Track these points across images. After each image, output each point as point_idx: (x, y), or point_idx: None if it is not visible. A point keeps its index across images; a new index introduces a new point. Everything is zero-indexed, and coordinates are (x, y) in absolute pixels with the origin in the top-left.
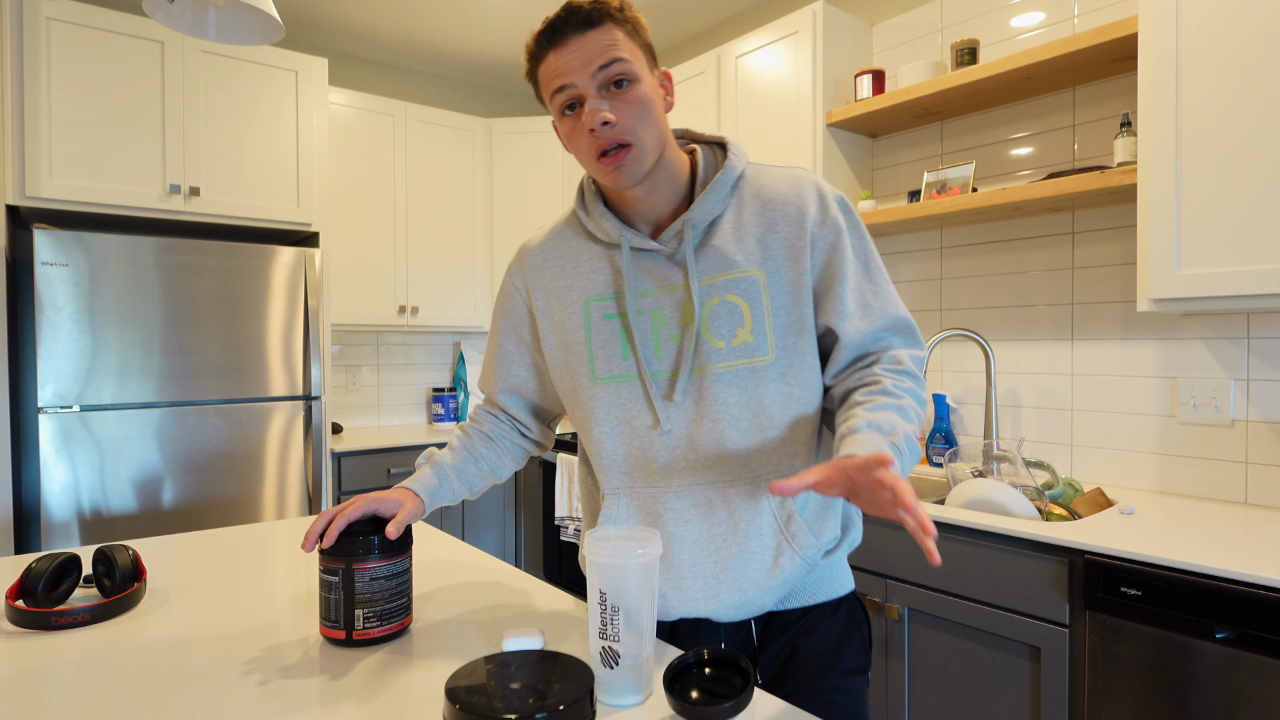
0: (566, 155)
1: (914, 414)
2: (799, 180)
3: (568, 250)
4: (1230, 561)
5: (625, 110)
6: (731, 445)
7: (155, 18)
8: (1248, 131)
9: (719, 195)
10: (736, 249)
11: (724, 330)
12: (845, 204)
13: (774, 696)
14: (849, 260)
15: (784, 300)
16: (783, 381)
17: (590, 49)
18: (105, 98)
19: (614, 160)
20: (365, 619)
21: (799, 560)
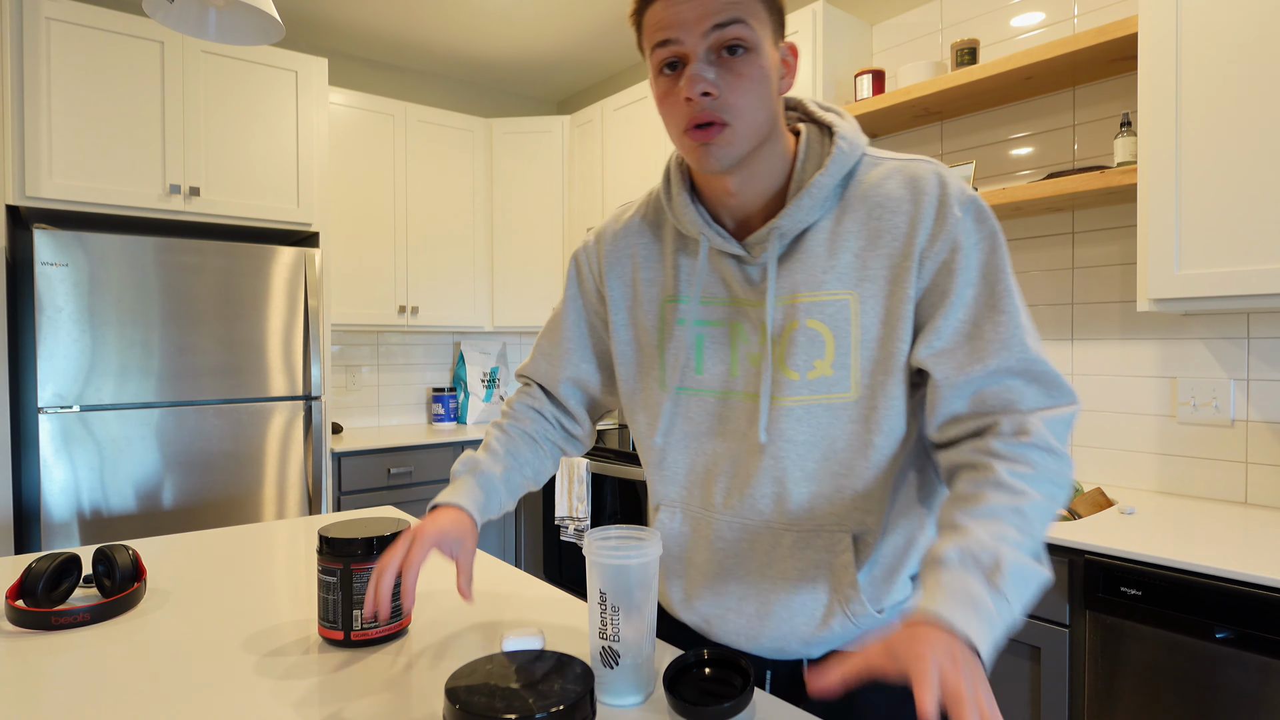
0: (566, 155)
1: (1038, 518)
2: (917, 178)
3: (647, 241)
4: (1230, 561)
5: (733, 83)
6: (793, 488)
7: (155, 18)
8: (1248, 131)
9: (815, 200)
10: (828, 264)
11: (800, 361)
12: (975, 208)
13: (774, 696)
14: (963, 281)
15: (875, 331)
16: (862, 425)
17: (710, 4)
18: (105, 98)
19: (704, 136)
20: (363, 619)
21: (851, 625)
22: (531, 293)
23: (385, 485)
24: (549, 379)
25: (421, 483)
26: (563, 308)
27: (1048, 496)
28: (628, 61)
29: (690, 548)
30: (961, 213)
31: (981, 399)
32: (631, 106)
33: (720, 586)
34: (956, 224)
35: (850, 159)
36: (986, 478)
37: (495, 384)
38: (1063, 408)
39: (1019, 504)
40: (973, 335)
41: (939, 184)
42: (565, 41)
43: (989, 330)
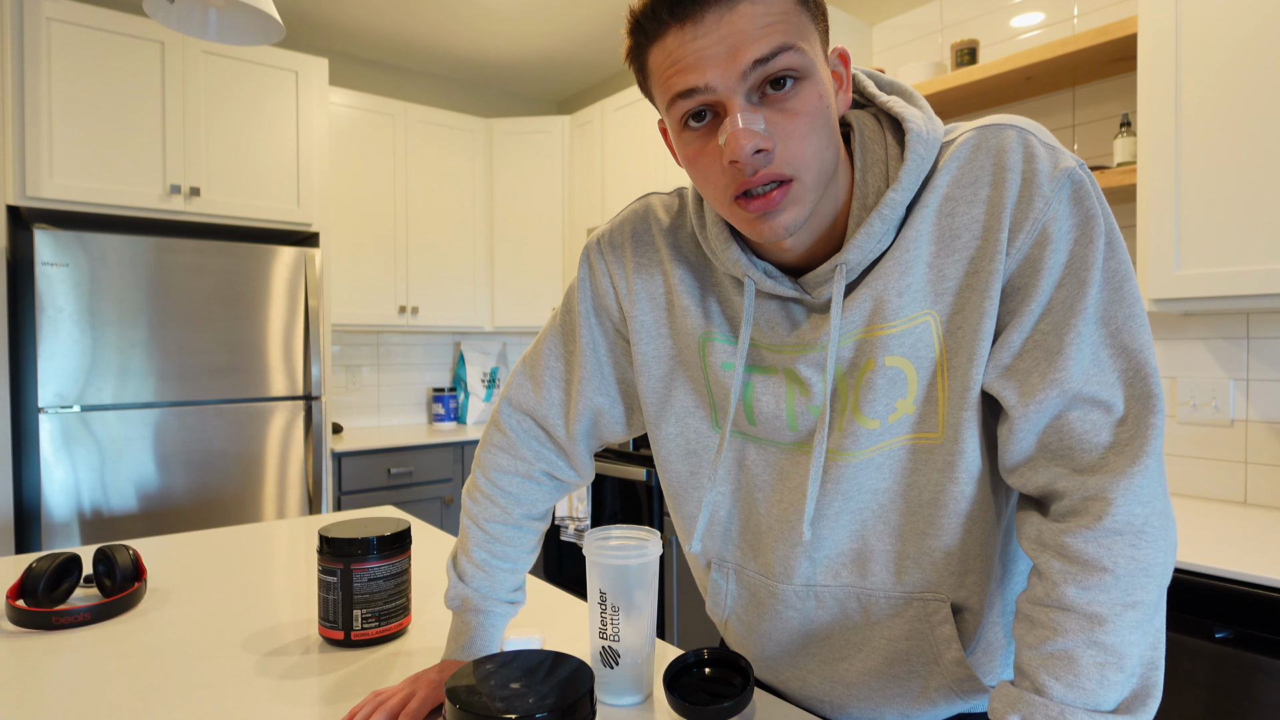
0: (566, 155)
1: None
2: (996, 151)
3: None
4: (1229, 561)
5: (790, 127)
6: (876, 544)
7: (155, 18)
8: (1247, 131)
9: (888, 224)
10: (901, 284)
11: (880, 407)
12: (1071, 183)
13: (774, 696)
14: (1048, 281)
15: (965, 355)
16: (949, 471)
17: (741, 28)
18: (105, 98)
19: (763, 204)
20: (364, 619)
21: (958, 699)
22: (531, 293)
23: (385, 485)
24: (554, 415)
25: (421, 482)
26: (574, 323)
27: (1132, 605)
28: None
29: (752, 615)
30: (1054, 192)
31: (1055, 432)
32: (631, 106)
33: (795, 659)
34: (1047, 208)
35: (927, 163)
36: (1053, 596)
37: (495, 384)
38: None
39: (1095, 635)
40: (1049, 349)
41: (1023, 155)
42: (565, 41)
43: (1067, 358)
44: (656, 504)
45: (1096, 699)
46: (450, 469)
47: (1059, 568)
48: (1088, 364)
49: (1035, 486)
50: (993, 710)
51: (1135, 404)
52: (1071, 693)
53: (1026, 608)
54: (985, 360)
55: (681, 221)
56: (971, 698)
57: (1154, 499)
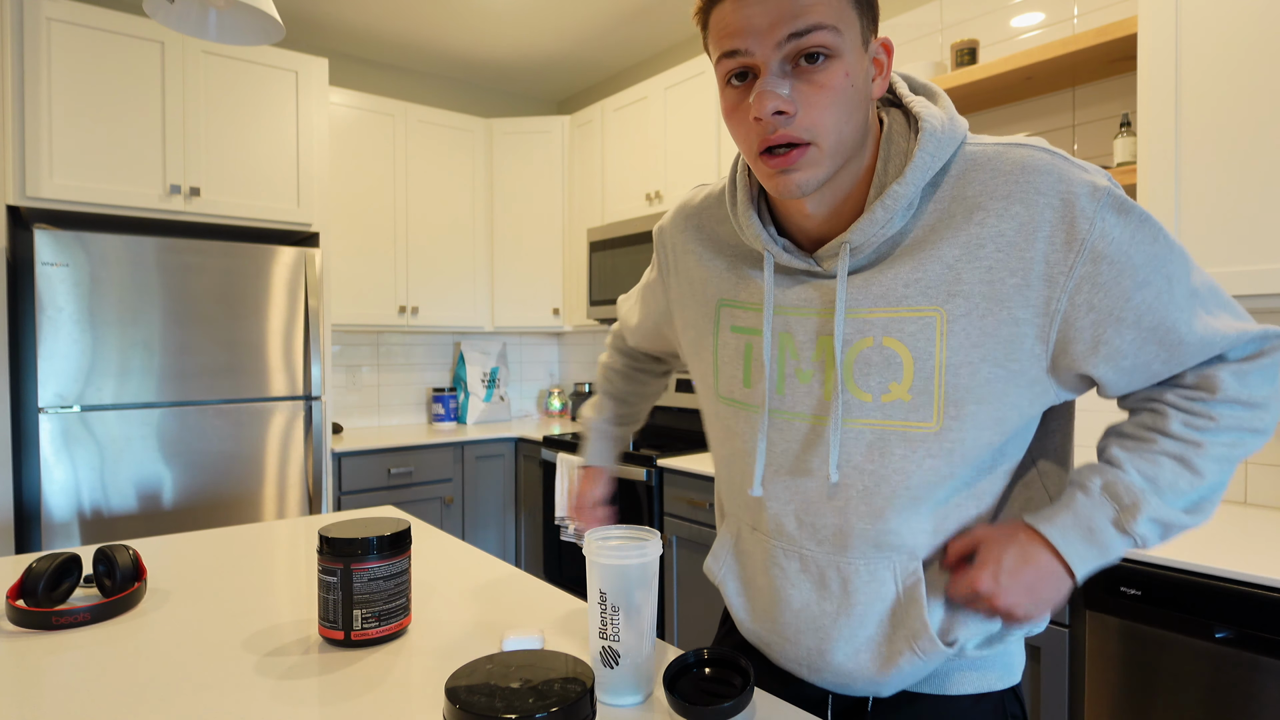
0: (566, 155)
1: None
2: (1030, 171)
3: (719, 233)
4: (1230, 561)
5: (813, 97)
6: (857, 523)
7: (155, 18)
8: (1247, 132)
9: (890, 213)
10: (913, 276)
11: (874, 383)
12: (1111, 199)
13: (774, 696)
14: (1123, 295)
15: (966, 355)
16: (944, 460)
17: (785, 4)
18: (105, 98)
19: (782, 162)
20: (364, 619)
21: (920, 662)
22: (531, 293)
23: (385, 485)
24: (628, 338)
25: (422, 482)
26: (644, 279)
27: (1229, 445)
28: (628, 61)
29: (751, 568)
30: (1096, 211)
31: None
32: (631, 106)
33: (778, 614)
34: (1092, 229)
35: (937, 159)
36: (1159, 424)
37: (495, 384)
38: (1265, 356)
39: (1187, 454)
40: (1161, 351)
41: (1057, 178)
42: (565, 41)
43: (1182, 338)
44: (656, 504)
45: (1167, 493)
46: (450, 469)
47: (1167, 409)
48: (1201, 348)
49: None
50: (1078, 473)
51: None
52: (1148, 482)
53: (1130, 428)
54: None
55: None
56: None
57: (1264, 385)
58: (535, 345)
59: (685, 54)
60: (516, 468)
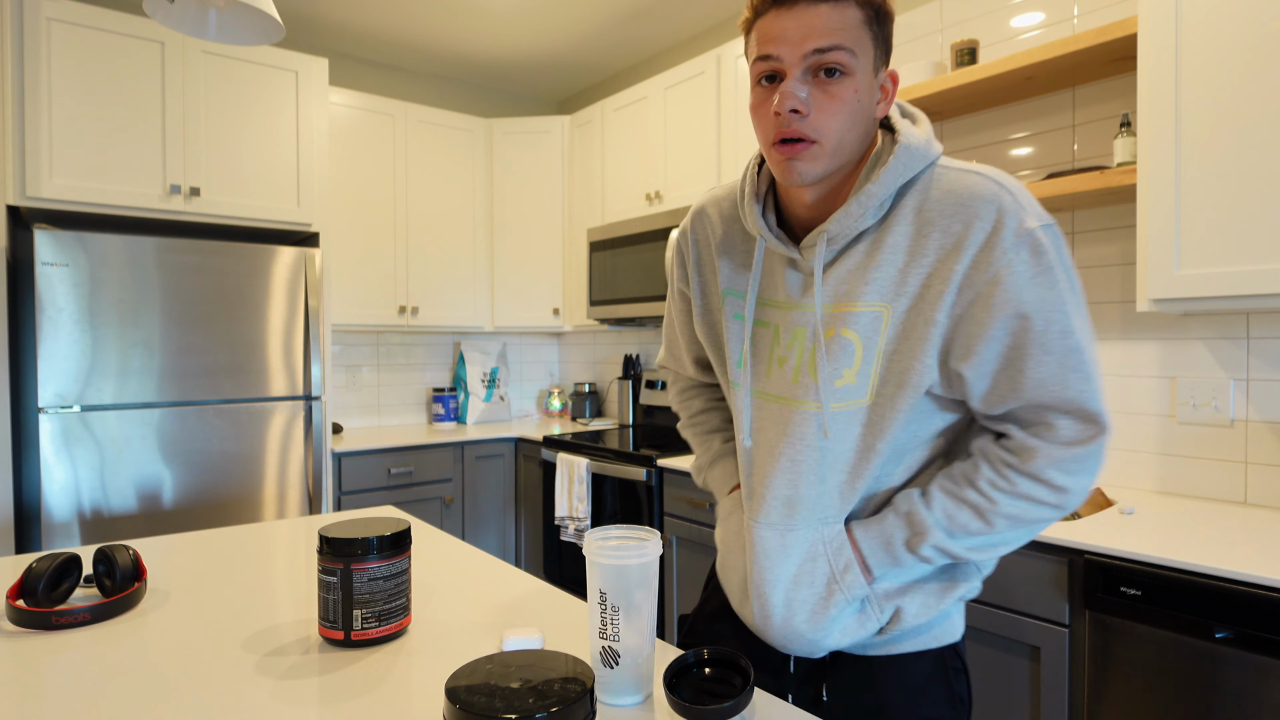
0: (566, 155)
1: (999, 526)
2: (976, 198)
3: (729, 226)
4: (1230, 561)
5: (824, 103)
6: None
7: (155, 18)
8: (1247, 132)
9: (864, 208)
10: (869, 276)
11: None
12: (1032, 242)
13: (774, 696)
14: (1001, 317)
15: (898, 345)
16: (868, 429)
17: (814, 24)
18: (105, 98)
19: (790, 151)
20: (364, 619)
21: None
22: (531, 293)
23: (385, 485)
24: (674, 362)
25: (422, 482)
26: (669, 296)
27: (1020, 510)
28: (628, 61)
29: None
30: (1013, 247)
31: (1017, 417)
32: (631, 106)
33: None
34: (1002, 257)
35: (908, 169)
36: (971, 475)
37: (495, 384)
38: (1086, 443)
39: (983, 507)
40: (1009, 371)
41: (996, 211)
42: (565, 41)
43: (1032, 369)
44: (656, 504)
45: (957, 534)
46: (450, 469)
47: (983, 464)
48: (1043, 385)
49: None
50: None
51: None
52: (946, 519)
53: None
54: (924, 360)
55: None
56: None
57: (1074, 470)
58: (535, 345)
59: (685, 54)
60: (516, 468)
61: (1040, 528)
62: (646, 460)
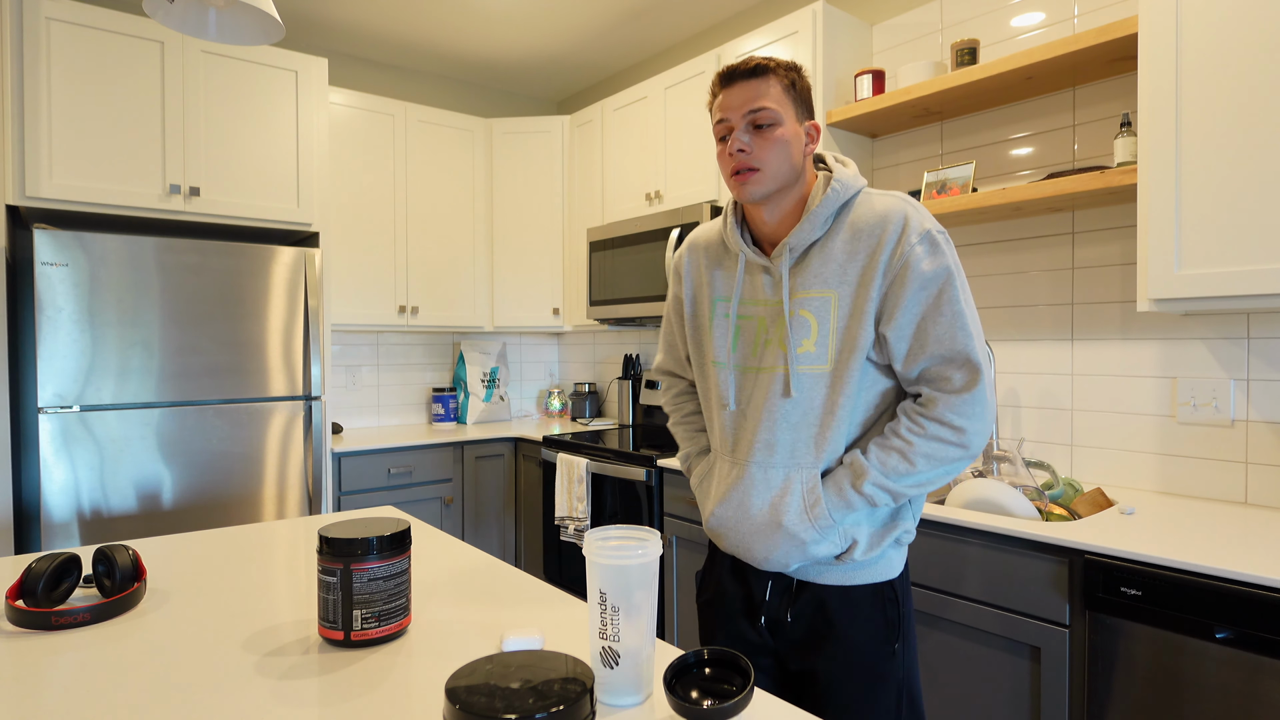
0: (566, 155)
1: (920, 460)
2: (890, 211)
3: (714, 254)
4: (1230, 561)
5: (762, 145)
6: (781, 435)
7: (155, 18)
8: (1247, 131)
9: (813, 224)
10: (820, 271)
11: (795, 340)
12: (929, 240)
13: (773, 696)
14: (912, 291)
15: (846, 321)
16: (831, 389)
17: (749, 94)
18: (105, 98)
19: (742, 179)
20: (364, 619)
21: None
22: (531, 293)
23: (385, 485)
24: (675, 365)
25: (421, 482)
26: (667, 306)
27: (931, 450)
28: (628, 61)
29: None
30: (917, 243)
31: (925, 375)
32: (631, 106)
33: (723, 511)
34: (909, 249)
35: (842, 196)
36: (895, 427)
37: (495, 384)
38: (970, 390)
39: (904, 450)
40: (919, 332)
41: (904, 216)
42: (565, 41)
43: (942, 327)
44: (656, 504)
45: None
46: (450, 469)
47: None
48: (940, 340)
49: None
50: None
51: (969, 363)
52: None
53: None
54: (868, 329)
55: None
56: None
57: (968, 412)
58: (535, 345)
59: (685, 54)
60: (516, 468)
61: (955, 467)
62: (646, 460)
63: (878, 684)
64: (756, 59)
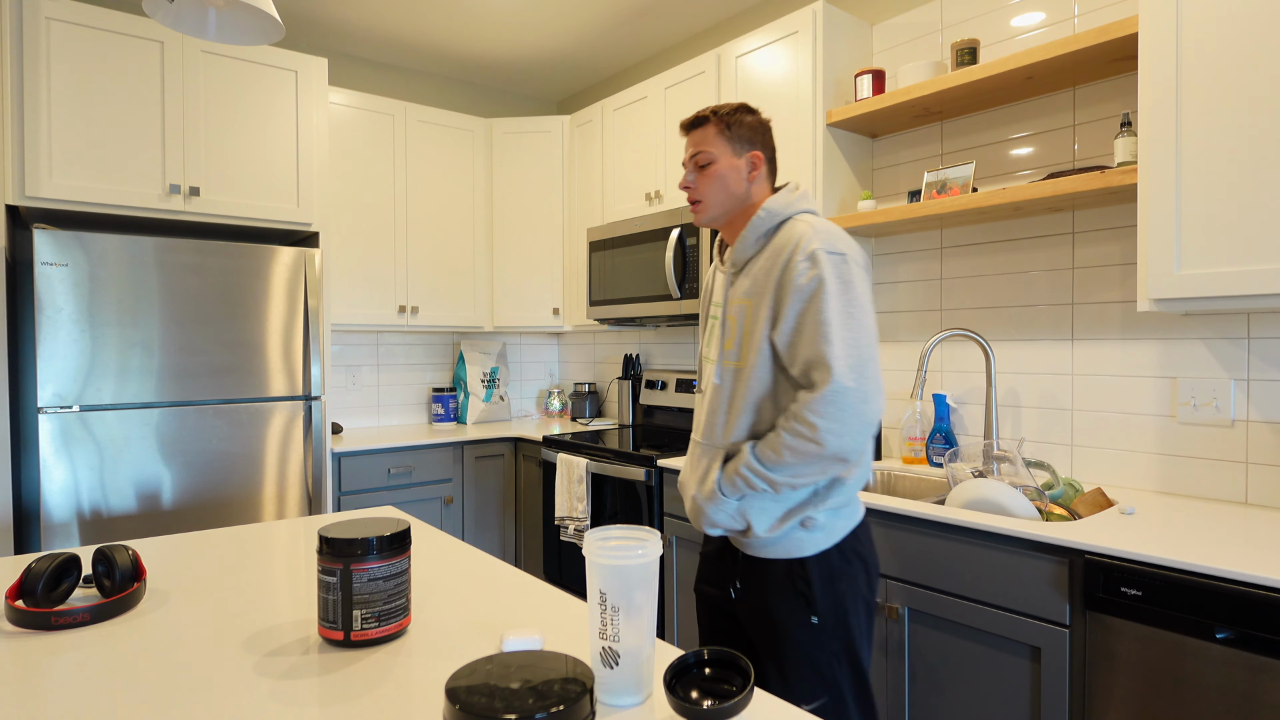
0: (566, 155)
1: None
2: (796, 235)
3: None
4: (1230, 561)
5: (702, 181)
6: (712, 419)
7: (155, 18)
8: (1248, 131)
9: (744, 245)
10: (747, 284)
11: (720, 338)
12: (815, 257)
13: (773, 696)
14: (793, 302)
15: (755, 325)
16: (736, 382)
17: (694, 140)
18: (105, 98)
19: (692, 210)
20: (364, 619)
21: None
22: (531, 293)
23: (385, 485)
24: None
25: (422, 482)
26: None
27: (792, 444)
28: (628, 61)
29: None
30: (801, 260)
31: (800, 377)
32: (631, 106)
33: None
34: (795, 266)
35: (766, 223)
36: (774, 423)
37: (495, 384)
38: (822, 388)
39: (774, 443)
40: (794, 338)
41: (799, 239)
42: (565, 41)
43: (806, 334)
44: (656, 504)
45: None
46: (450, 469)
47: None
48: (811, 344)
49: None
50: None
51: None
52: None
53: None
54: (767, 334)
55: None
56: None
57: (823, 410)
58: (535, 345)
59: (685, 54)
60: (516, 468)
61: (819, 463)
62: (646, 460)
63: (793, 649)
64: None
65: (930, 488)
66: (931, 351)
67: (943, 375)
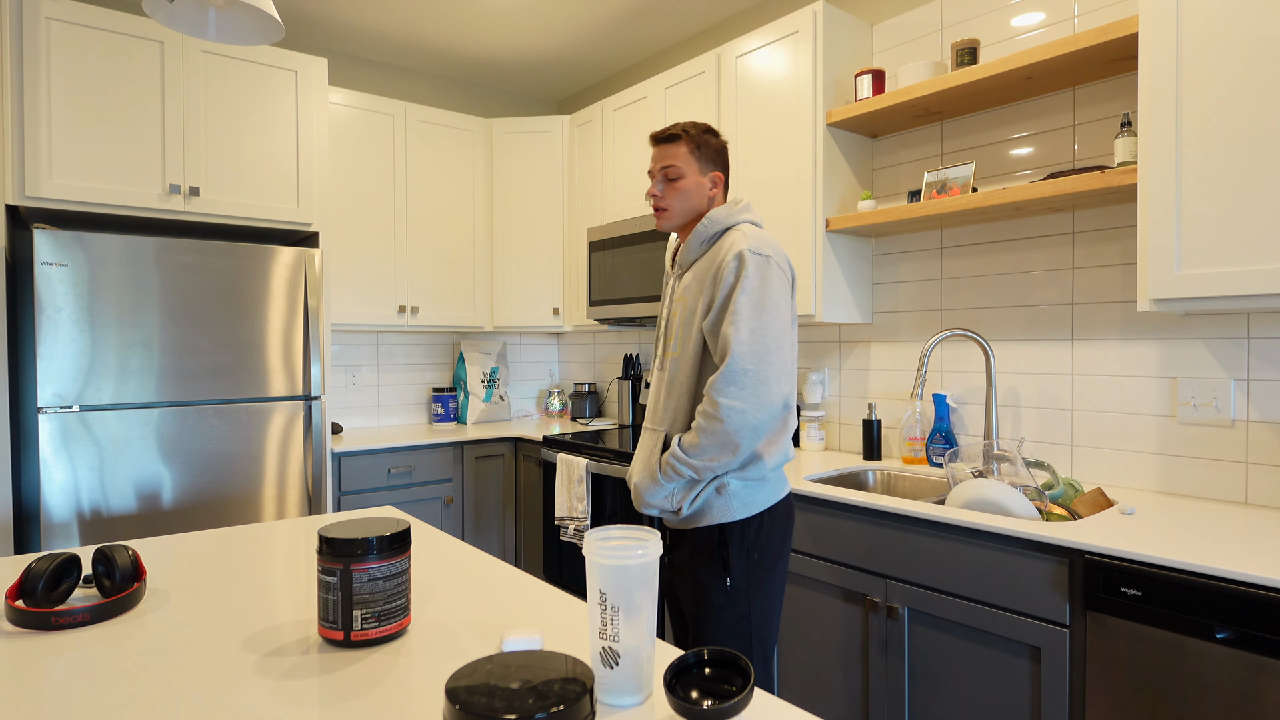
0: (566, 155)
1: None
2: (731, 244)
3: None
4: (1230, 561)
5: (669, 191)
6: (658, 404)
7: (155, 18)
8: (1248, 132)
9: (689, 249)
10: (689, 281)
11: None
12: (741, 256)
13: (773, 696)
14: (721, 298)
15: (692, 318)
16: (677, 369)
17: (662, 154)
18: (105, 98)
19: (657, 215)
20: (364, 619)
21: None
22: (531, 293)
23: (385, 485)
24: None
25: (421, 482)
26: None
27: (706, 426)
28: (628, 61)
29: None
30: (731, 262)
31: (718, 357)
32: (631, 106)
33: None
34: (725, 267)
35: (708, 229)
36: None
37: (495, 384)
38: (723, 367)
39: (694, 426)
40: (715, 325)
41: (733, 247)
42: (565, 41)
43: (722, 321)
44: None
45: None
46: (450, 469)
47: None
48: (727, 337)
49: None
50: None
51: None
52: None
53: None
54: (699, 321)
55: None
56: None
57: (725, 389)
58: (535, 345)
59: (685, 54)
60: (516, 468)
61: (726, 440)
62: None
63: (708, 609)
64: (673, 128)
65: (930, 488)
66: (931, 351)
67: (943, 375)
